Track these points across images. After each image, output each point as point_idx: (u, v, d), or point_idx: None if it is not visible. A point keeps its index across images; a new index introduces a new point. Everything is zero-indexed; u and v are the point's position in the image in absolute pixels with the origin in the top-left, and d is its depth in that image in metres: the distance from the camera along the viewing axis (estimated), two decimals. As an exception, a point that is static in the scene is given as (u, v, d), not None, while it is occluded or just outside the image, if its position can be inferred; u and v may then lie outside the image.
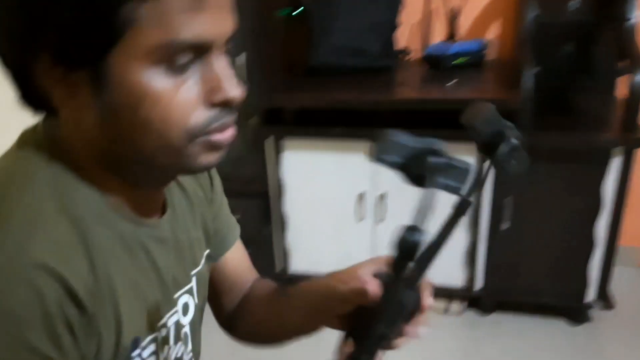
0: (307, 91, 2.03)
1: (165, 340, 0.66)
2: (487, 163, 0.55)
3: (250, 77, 1.96)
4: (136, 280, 0.59)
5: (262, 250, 2.23)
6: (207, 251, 0.77)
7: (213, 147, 0.55)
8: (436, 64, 2.09)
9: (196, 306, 0.73)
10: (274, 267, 2.25)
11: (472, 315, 2.17)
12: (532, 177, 1.86)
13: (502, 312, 2.15)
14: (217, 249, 0.80)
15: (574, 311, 2.06)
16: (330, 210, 2.10)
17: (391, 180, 1.98)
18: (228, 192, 0.85)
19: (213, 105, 0.53)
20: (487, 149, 0.55)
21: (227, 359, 1.58)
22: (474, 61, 2.10)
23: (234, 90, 0.53)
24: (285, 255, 2.21)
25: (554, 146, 1.84)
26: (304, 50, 2.18)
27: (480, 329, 2.10)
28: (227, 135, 0.56)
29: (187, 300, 0.70)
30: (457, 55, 2.05)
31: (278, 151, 2.05)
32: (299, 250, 2.21)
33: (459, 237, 2.00)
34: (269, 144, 2.05)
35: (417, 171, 0.55)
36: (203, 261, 0.75)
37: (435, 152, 0.55)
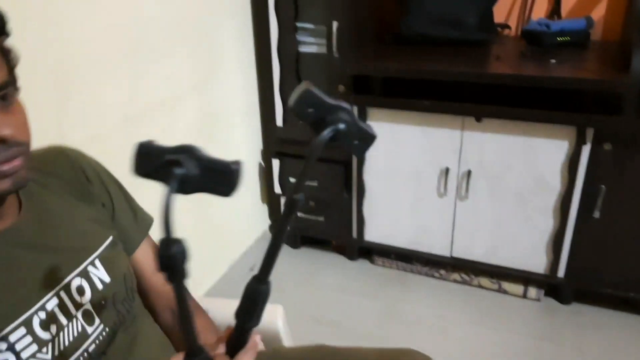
0: (397, 60, 2.01)
1: (50, 321, 0.74)
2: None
3: (340, 45, 1.97)
4: None
5: (340, 216, 2.28)
6: (110, 238, 0.88)
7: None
8: (537, 41, 1.99)
9: (105, 283, 0.83)
10: (351, 233, 2.29)
11: (550, 302, 2.11)
12: (630, 166, 1.76)
13: (582, 302, 2.08)
14: (125, 244, 0.94)
15: (662, 310, 1.95)
16: (411, 183, 2.09)
17: (478, 159, 1.96)
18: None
19: None
20: (318, 131, 0.54)
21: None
22: (578, 40, 1.98)
23: (5, 129, 0.66)
24: (361, 223, 2.25)
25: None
26: (396, 18, 2.16)
27: (558, 317, 2.04)
28: (9, 166, 0.68)
29: (80, 283, 0.80)
30: (560, 32, 1.95)
31: (363, 119, 2.05)
32: (375, 219, 2.23)
33: (545, 222, 1.94)
34: (354, 112, 2.06)
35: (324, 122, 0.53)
36: (103, 247, 0.86)
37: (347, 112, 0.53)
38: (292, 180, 2.28)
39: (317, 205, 2.31)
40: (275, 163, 2.26)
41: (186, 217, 1.95)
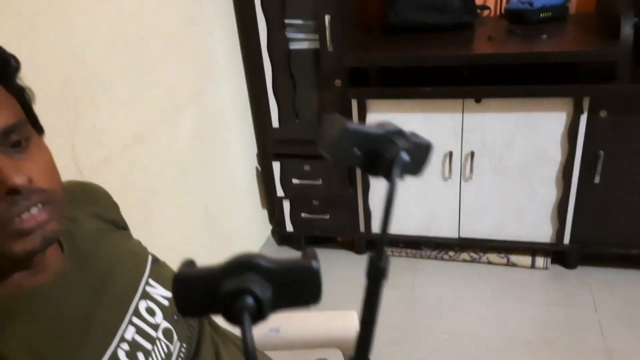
0: (391, 49, 2.02)
1: (135, 350, 0.71)
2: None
3: (334, 38, 1.96)
4: (45, 351, 0.62)
5: (346, 211, 2.27)
6: (150, 256, 0.84)
7: (20, 233, 0.58)
8: (520, 19, 2.05)
9: (169, 299, 0.79)
10: (358, 227, 2.29)
11: (557, 269, 2.19)
12: (626, 130, 1.85)
13: (587, 265, 2.18)
14: None
15: (662, 262, 2.07)
16: (415, 170, 2.11)
17: (479, 140, 2.00)
18: (312, 156, 0.81)
19: (1, 198, 0.56)
20: (376, 171, 0.44)
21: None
22: (559, 14, 2.06)
23: (15, 178, 0.56)
24: (369, 216, 2.25)
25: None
26: (379, 8, 2.17)
27: (567, 282, 2.13)
28: (32, 222, 0.59)
29: (147, 304, 0.76)
30: (543, 9, 2.02)
31: (362, 112, 2.05)
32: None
33: (549, 193, 2.01)
34: (353, 105, 2.06)
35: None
36: (149, 265, 0.82)
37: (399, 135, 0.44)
38: (294, 181, 2.25)
39: (321, 203, 2.29)
40: (276, 165, 2.23)
41: (201, 233, 1.89)
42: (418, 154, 0.46)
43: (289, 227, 2.39)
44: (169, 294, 0.80)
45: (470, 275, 2.21)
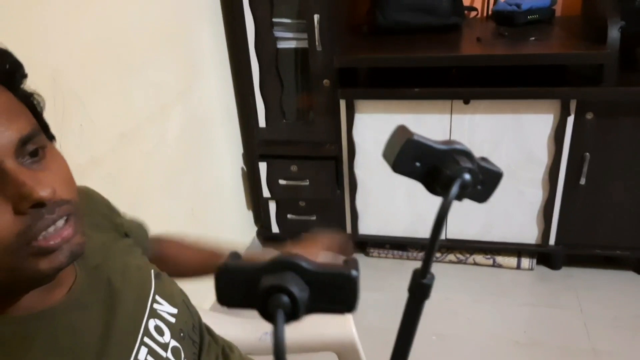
0: (380, 50, 2.01)
1: None
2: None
3: (323, 38, 1.94)
4: None
5: (333, 212, 2.25)
6: (152, 270, 0.81)
7: (46, 251, 0.55)
8: (508, 21, 2.06)
9: (175, 315, 0.78)
10: (345, 229, 2.27)
11: (542, 269, 2.21)
12: (611, 133, 1.87)
13: (571, 266, 2.20)
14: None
15: (644, 263, 2.10)
16: (403, 171, 2.10)
17: (468, 140, 2.01)
18: (299, 156, 0.80)
19: (25, 212, 0.53)
20: (435, 188, 0.44)
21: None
22: (545, 17, 2.08)
23: (40, 191, 0.53)
24: (356, 217, 2.24)
25: (633, 100, 1.83)
26: (371, 9, 2.15)
27: (552, 282, 2.14)
28: (58, 240, 0.56)
29: (155, 323, 0.74)
30: (530, 11, 2.03)
31: (351, 113, 2.04)
32: (370, 212, 2.23)
33: (535, 194, 2.02)
34: (342, 106, 2.04)
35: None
36: (153, 281, 0.79)
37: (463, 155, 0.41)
38: (281, 182, 2.22)
39: (307, 204, 2.27)
40: (262, 166, 2.20)
41: (188, 234, 1.86)
42: (485, 180, 0.44)
43: (275, 229, 2.36)
44: (174, 310, 0.78)
45: (457, 277, 2.21)
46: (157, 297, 0.77)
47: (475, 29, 2.14)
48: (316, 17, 1.90)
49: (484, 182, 0.44)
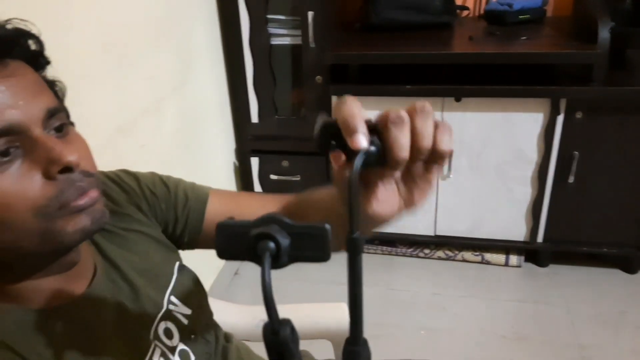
0: (373, 47, 2.02)
1: None
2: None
3: (317, 35, 1.95)
4: None
5: (324, 208, 2.27)
6: (178, 263, 0.80)
7: (74, 210, 0.57)
8: (499, 20, 2.08)
9: (188, 316, 0.77)
10: (335, 225, 2.29)
11: (530, 267, 2.24)
12: (600, 132, 1.90)
13: (558, 264, 2.23)
14: (193, 218, 0.81)
15: (630, 260, 2.13)
16: (394, 168, 2.12)
17: (459, 137, 2.03)
18: (290, 152, 0.79)
19: (55, 177, 0.55)
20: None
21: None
22: (536, 17, 2.10)
23: (68, 155, 0.55)
24: (346, 213, 2.25)
25: (621, 100, 1.86)
26: (363, 7, 2.17)
27: (539, 279, 2.18)
28: (86, 198, 0.57)
29: (166, 326, 0.74)
30: (521, 11, 2.05)
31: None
32: (360, 208, 2.24)
33: (524, 192, 2.05)
34: (334, 102, 2.05)
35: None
36: (175, 276, 0.79)
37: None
38: (273, 177, 2.23)
39: (298, 199, 2.28)
40: (254, 161, 2.21)
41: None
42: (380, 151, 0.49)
43: (266, 224, 2.37)
44: (188, 312, 0.77)
45: (446, 273, 2.24)
46: (173, 298, 0.76)
47: (467, 27, 2.16)
48: (310, 14, 1.91)
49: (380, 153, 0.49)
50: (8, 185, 0.53)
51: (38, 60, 0.62)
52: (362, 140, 0.46)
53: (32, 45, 0.61)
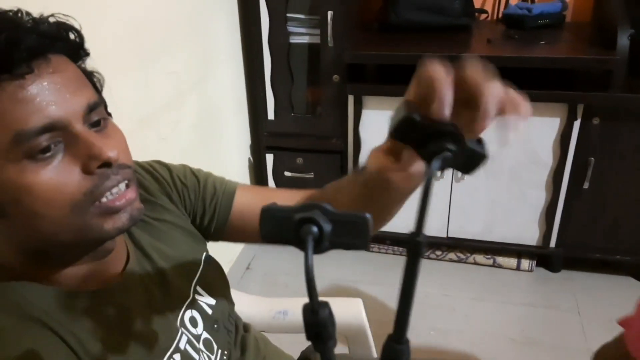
0: (391, 48, 2.03)
1: (184, 359, 0.70)
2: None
3: (336, 34, 1.96)
4: (118, 345, 0.63)
5: (337, 207, 2.28)
6: (205, 253, 0.83)
7: (112, 211, 0.59)
8: (518, 24, 2.08)
9: (212, 306, 0.79)
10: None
11: (542, 271, 2.24)
12: (617, 139, 1.89)
13: (571, 269, 2.22)
14: (221, 210, 0.82)
15: (643, 268, 2.13)
16: (408, 168, 2.13)
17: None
18: (305, 149, 0.78)
19: (93, 172, 0.57)
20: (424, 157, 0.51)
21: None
22: (555, 22, 2.10)
23: (108, 151, 0.57)
24: (359, 212, 2.26)
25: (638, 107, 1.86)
26: (383, 7, 2.18)
27: (551, 285, 2.17)
28: (123, 200, 0.59)
29: (192, 314, 0.76)
30: (540, 15, 2.05)
31: (358, 109, 2.07)
32: (373, 207, 2.25)
33: (538, 197, 2.05)
34: (350, 101, 2.06)
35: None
36: (202, 266, 0.81)
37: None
38: (287, 174, 2.25)
39: (312, 197, 2.30)
40: (269, 157, 2.23)
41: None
42: (469, 157, 0.52)
43: (279, 220, 2.39)
44: (213, 302, 0.79)
45: (457, 275, 2.24)
46: (199, 288, 0.79)
47: (485, 30, 2.16)
48: (329, 13, 1.93)
49: (469, 158, 0.53)
50: (47, 179, 0.55)
51: (78, 53, 0.63)
52: (446, 112, 0.48)
53: (73, 39, 0.62)
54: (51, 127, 0.54)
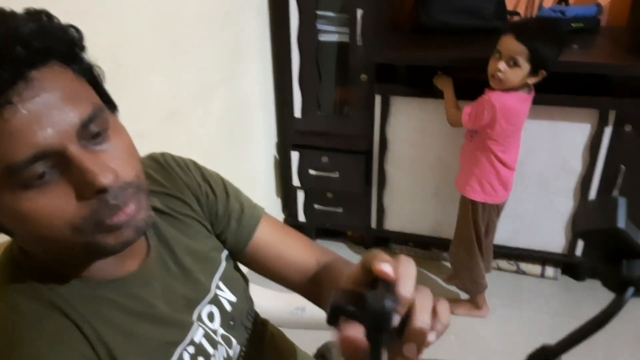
0: (418, 49, 2.02)
1: (198, 353, 0.70)
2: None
3: (365, 33, 1.96)
4: (132, 332, 0.63)
5: (360, 206, 2.28)
6: (226, 252, 0.82)
7: (114, 229, 0.56)
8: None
9: (233, 303, 0.79)
10: (370, 223, 2.30)
11: (566, 280, 2.20)
12: (649, 147, 1.85)
13: (596, 278, 2.18)
14: (242, 232, 0.82)
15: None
16: (434, 171, 2.12)
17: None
18: (331, 148, 0.73)
19: (90, 199, 0.54)
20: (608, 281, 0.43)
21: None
22: (590, 26, 2.06)
23: (103, 178, 0.53)
24: (382, 212, 2.26)
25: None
26: (415, 8, 2.17)
27: (575, 293, 2.13)
28: (123, 216, 0.56)
29: (210, 309, 0.75)
30: (574, 19, 2.02)
31: (386, 109, 2.06)
32: (396, 208, 2.25)
33: (566, 204, 2.01)
34: (377, 101, 2.06)
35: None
36: (224, 264, 0.80)
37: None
38: (311, 172, 2.25)
39: (335, 196, 2.30)
40: (295, 155, 2.24)
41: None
42: None
43: (302, 218, 2.40)
44: (234, 299, 0.80)
45: (479, 280, 2.22)
46: (220, 284, 0.79)
47: (517, 33, 2.13)
48: (359, 12, 1.93)
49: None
50: (43, 206, 0.53)
51: (71, 54, 0.57)
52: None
53: (62, 41, 0.56)
54: (42, 155, 0.51)
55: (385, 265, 0.48)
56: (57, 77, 0.54)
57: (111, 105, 0.63)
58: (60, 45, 0.55)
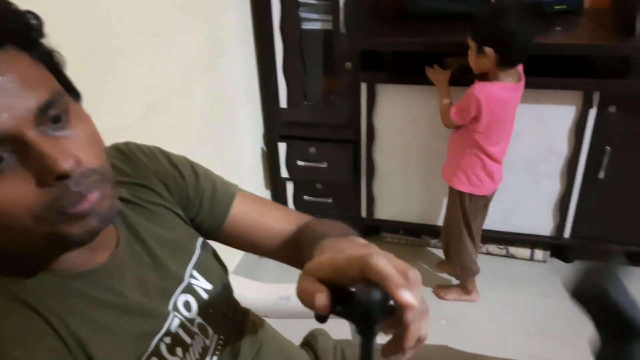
0: (406, 35, 2.01)
1: (175, 344, 0.70)
2: None
3: (348, 20, 1.95)
4: (104, 324, 0.62)
5: (349, 196, 2.28)
6: (201, 240, 0.81)
7: (77, 218, 0.55)
8: (534, 10, 2.05)
9: (209, 291, 0.78)
10: (360, 213, 2.29)
11: (555, 262, 2.22)
12: (634, 127, 1.86)
13: (584, 260, 2.19)
14: (217, 211, 0.81)
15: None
16: (422, 159, 2.12)
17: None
18: (318, 138, 0.75)
19: (51, 185, 0.52)
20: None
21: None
22: (573, 8, 2.06)
23: (63, 163, 0.51)
24: (372, 201, 2.26)
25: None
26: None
27: (564, 275, 2.14)
28: (86, 204, 0.54)
29: (186, 298, 0.74)
30: (557, 1, 2.02)
31: (372, 97, 2.05)
32: (386, 197, 2.24)
33: (553, 186, 2.02)
34: (363, 90, 2.05)
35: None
36: (198, 251, 0.79)
37: None
38: (299, 163, 2.24)
39: (324, 187, 2.30)
40: (282, 146, 2.22)
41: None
42: None
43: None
44: (209, 287, 0.78)
45: (470, 265, 2.23)
46: (194, 272, 0.78)
47: (501, 17, 2.13)
48: (342, -1, 1.91)
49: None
50: (2, 192, 0.51)
51: (28, 38, 0.56)
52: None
53: (19, 25, 0.55)
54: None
55: (407, 295, 0.46)
56: (13, 61, 0.53)
57: (74, 93, 0.62)
58: (16, 29, 0.54)
